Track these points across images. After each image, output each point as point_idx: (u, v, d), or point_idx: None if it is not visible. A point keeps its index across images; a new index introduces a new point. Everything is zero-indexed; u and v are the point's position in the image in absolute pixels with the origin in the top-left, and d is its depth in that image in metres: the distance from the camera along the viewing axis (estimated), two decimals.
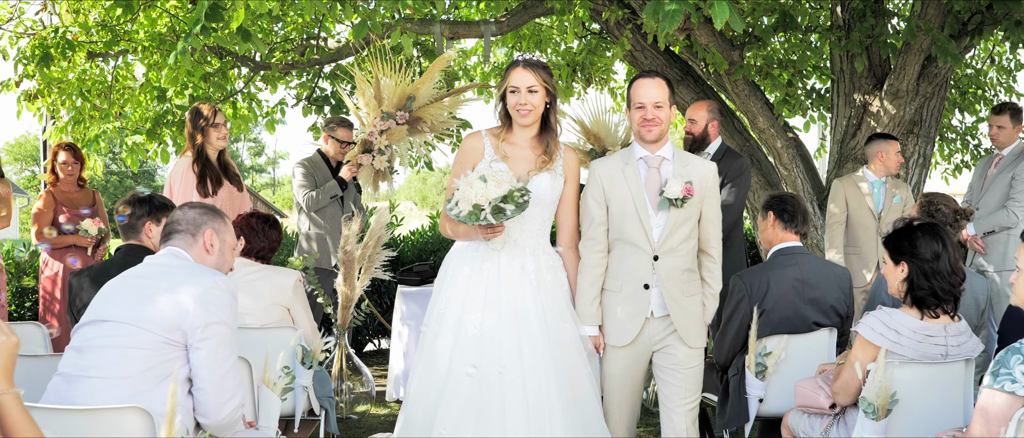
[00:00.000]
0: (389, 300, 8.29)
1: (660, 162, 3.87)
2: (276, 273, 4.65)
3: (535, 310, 3.79)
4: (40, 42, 7.45)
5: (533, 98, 3.86)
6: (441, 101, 7.71)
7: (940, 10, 6.63)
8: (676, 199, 3.74)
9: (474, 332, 3.76)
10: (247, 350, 3.87)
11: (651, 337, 3.87)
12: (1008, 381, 2.78)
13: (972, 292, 4.41)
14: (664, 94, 3.85)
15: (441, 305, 3.90)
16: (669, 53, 8.16)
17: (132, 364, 2.97)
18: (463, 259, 3.93)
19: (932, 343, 3.43)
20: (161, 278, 3.14)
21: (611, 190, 3.87)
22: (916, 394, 3.35)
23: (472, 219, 3.62)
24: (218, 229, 3.37)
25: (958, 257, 3.53)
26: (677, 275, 3.83)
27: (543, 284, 3.85)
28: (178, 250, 3.28)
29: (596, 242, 3.89)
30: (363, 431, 5.93)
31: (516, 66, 3.90)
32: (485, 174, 3.62)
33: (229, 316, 3.13)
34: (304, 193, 6.61)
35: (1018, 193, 5.97)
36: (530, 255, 3.88)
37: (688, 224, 3.83)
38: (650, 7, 4.68)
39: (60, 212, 6.48)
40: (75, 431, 2.82)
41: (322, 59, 8.47)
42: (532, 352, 3.72)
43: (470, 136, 4.01)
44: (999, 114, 6.33)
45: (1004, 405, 2.79)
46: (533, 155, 3.92)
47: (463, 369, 3.72)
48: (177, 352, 3.03)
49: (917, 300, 3.48)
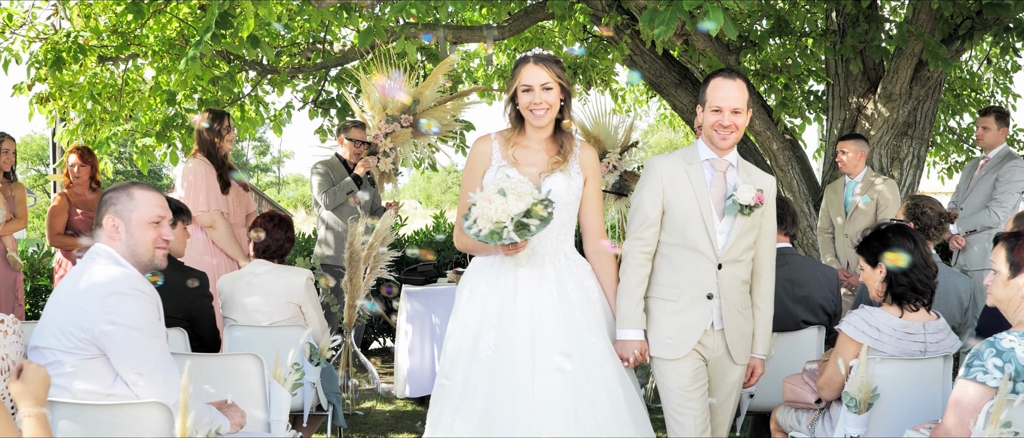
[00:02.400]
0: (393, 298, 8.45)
1: (726, 167, 3.61)
2: (288, 272, 4.81)
3: (556, 324, 3.49)
4: (52, 46, 7.62)
5: (548, 96, 3.54)
6: (444, 104, 7.89)
7: (931, 16, 6.78)
8: (746, 206, 3.50)
9: (488, 354, 3.49)
10: (259, 347, 4.06)
11: (710, 350, 3.61)
12: (980, 372, 2.94)
13: (956, 291, 4.57)
14: (744, 98, 3.55)
15: (459, 326, 3.63)
16: (668, 57, 8.32)
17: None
18: (480, 275, 3.64)
19: (912, 340, 3.60)
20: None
21: (673, 190, 3.57)
22: (896, 389, 3.51)
23: (494, 239, 3.32)
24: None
25: (928, 252, 3.71)
26: (738, 286, 3.60)
27: (565, 295, 3.56)
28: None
29: (645, 243, 3.60)
30: (368, 427, 6.11)
31: (526, 62, 3.57)
32: (504, 187, 3.32)
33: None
34: (321, 192, 6.78)
35: (1001, 194, 6.16)
36: (550, 263, 3.59)
37: (751, 234, 3.60)
38: (646, 15, 4.85)
39: (74, 213, 6.65)
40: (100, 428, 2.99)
41: (328, 63, 8.64)
42: (546, 375, 3.41)
43: (479, 140, 3.70)
44: (985, 116, 6.53)
45: (976, 396, 2.94)
46: (546, 157, 3.62)
47: (477, 396, 3.44)
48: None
49: (897, 297, 3.65)
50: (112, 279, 3.01)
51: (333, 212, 6.79)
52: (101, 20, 8.17)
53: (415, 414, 6.42)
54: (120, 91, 8.37)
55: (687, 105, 8.19)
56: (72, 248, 6.57)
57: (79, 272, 3.11)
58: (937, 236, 4.76)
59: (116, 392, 2.99)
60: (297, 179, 62.07)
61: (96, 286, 2.99)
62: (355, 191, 6.76)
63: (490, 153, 3.63)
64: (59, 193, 6.80)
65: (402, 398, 6.69)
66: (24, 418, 2.56)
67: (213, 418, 3.16)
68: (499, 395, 3.42)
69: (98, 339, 2.95)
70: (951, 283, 4.57)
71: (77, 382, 2.95)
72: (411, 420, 6.27)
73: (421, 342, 6.61)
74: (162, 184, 45.59)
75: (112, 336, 2.94)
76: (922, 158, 8.00)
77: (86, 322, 2.94)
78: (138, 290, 3.02)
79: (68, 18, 8.24)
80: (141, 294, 3.02)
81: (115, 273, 3.04)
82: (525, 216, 3.29)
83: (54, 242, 6.63)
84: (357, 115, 8.06)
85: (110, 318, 2.94)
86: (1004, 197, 6.16)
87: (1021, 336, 2.96)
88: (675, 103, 8.36)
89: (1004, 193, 6.16)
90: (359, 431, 6.00)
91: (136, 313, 2.98)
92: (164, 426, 2.94)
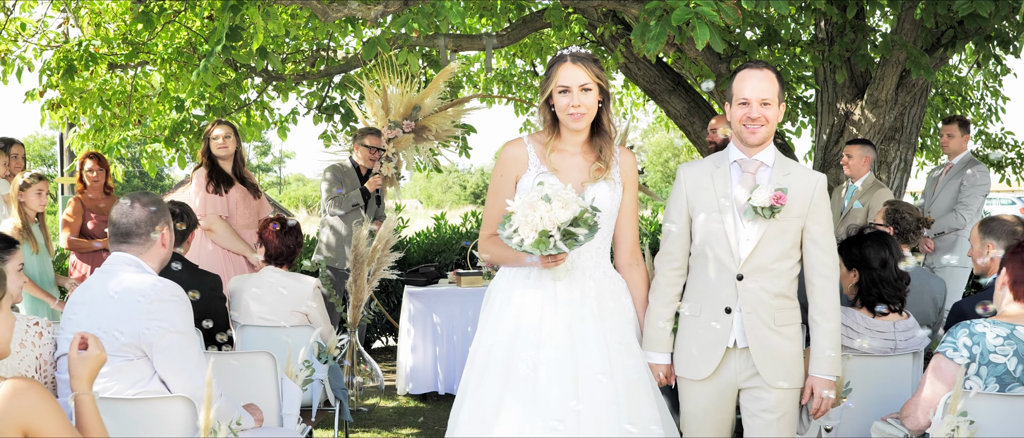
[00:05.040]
0: (397, 299, 8.70)
1: (757, 167, 3.35)
2: (296, 280, 5.04)
3: (597, 345, 3.25)
4: (65, 55, 7.87)
5: (587, 98, 3.30)
6: (445, 111, 8.15)
7: (915, 26, 7.02)
8: (762, 208, 3.24)
9: (526, 372, 3.21)
10: (272, 347, 4.32)
11: (735, 373, 3.35)
12: (950, 349, 3.22)
13: (930, 292, 4.82)
14: (774, 89, 3.30)
15: (487, 340, 3.35)
16: (661, 64, 8.56)
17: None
18: (513, 285, 3.38)
19: (882, 338, 3.84)
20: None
21: (696, 197, 3.38)
22: (867, 383, 3.76)
23: (541, 248, 3.04)
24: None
25: (903, 256, 3.94)
26: (767, 300, 3.28)
27: (606, 313, 3.33)
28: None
29: (673, 257, 3.40)
30: (373, 421, 6.36)
31: (564, 61, 3.32)
32: (548, 193, 3.07)
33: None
34: (328, 197, 7.02)
35: (966, 197, 6.46)
36: (591, 279, 3.34)
37: (783, 240, 3.29)
38: (637, 29, 5.08)
39: (88, 218, 6.90)
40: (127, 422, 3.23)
41: (332, 70, 8.89)
42: (590, 397, 3.18)
43: (511, 144, 3.44)
44: (949, 124, 6.87)
45: (949, 370, 3.20)
46: (586, 163, 3.38)
47: (513, 417, 3.18)
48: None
49: (867, 304, 3.89)
50: (153, 286, 3.26)
51: (341, 218, 7.02)
52: (110, 28, 8.42)
53: (417, 410, 6.68)
54: (129, 97, 8.61)
55: (681, 111, 8.43)
56: (87, 250, 6.81)
57: (105, 280, 3.32)
58: (915, 240, 5.01)
59: (146, 390, 3.24)
60: (298, 179, 62.37)
61: (137, 293, 3.23)
62: (361, 204, 6.98)
63: (525, 159, 3.38)
64: (74, 198, 7.04)
65: (404, 395, 6.95)
66: (81, 396, 2.77)
67: (240, 414, 3.42)
68: (542, 413, 3.18)
69: (143, 343, 3.21)
70: (926, 284, 4.82)
71: (111, 382, 3.19)
72: (413, 415, 6.52)
73: (423, 341, 6.87)
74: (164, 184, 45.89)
75: (159, 339, 3.20)
76: (909, 162, 8.25)
77: (131, 327, 3.19)
78: (177, 297, 3.29)
79: (78, 26, 8.48)
80: (181, 300, 3.30)
81: (151, 281, 3.30)
82: (572, 225, 3.05)
83: (70, 245, 6.87)
84: (360, 121, 8.33)
85: (157, 323, 3.20)
86: (970, 200, 6.45)
87: (995, 324, 3.22)
88: (669, 109, 8.60)
89: (970, 196, 6.46)
90: (363, 426, 6.25)
91: (177, 317, 3.26)
92: (189, 420, 3.19)
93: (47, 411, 2.52)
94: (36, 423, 2.50)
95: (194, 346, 3.33)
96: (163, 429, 3.19)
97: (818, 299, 3.34)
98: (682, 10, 4.79)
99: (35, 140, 51.30)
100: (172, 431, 3.18)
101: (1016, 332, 3.18)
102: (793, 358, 3.33)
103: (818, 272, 3.33)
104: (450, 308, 6.87)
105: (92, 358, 2.81)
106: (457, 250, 9.17)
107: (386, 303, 8.88)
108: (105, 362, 2.85)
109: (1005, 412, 3.08)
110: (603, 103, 3.36)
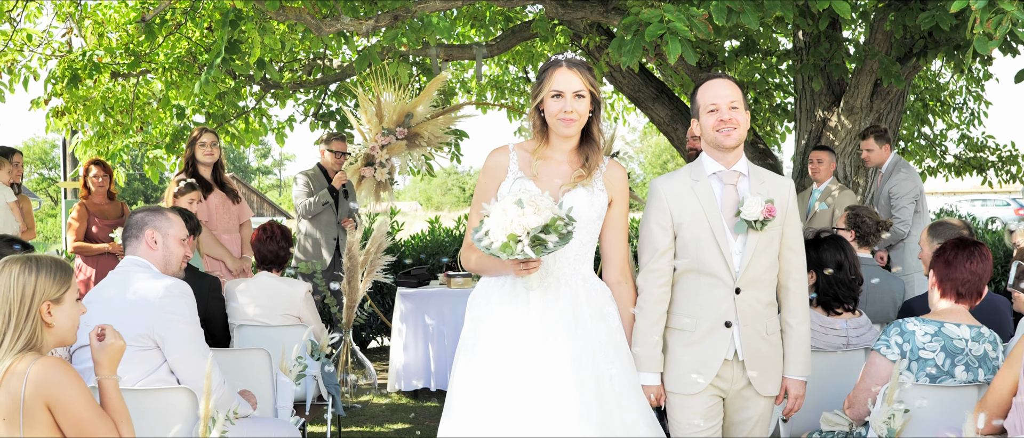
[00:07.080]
0: (390, 301, 8.99)
1: (737, 178, 3.36)
2: (288, 285, 5.29)
3: (571, 357, 3.17)
4: (69, 65, 8.16)
5: (579, 105, 3.27)
6: (437, 118, 8.42)
7: (887, 37, 7.30)
8: (755, 221, 3.25)
9: (501, 379, 3.19)
10: (267, 344, 4.61)
11: (730, 383, 3.35)
12: (884, 346, 3.52)
13: (891, 292, 5.11)
14: (738, 94, 3.34)
15: (464, 357, 3.33)
16: (645, 73, 8.85)
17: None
18: (490, 299, 3.33)
19: (835, 335, 4.12)
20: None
21: (681, 212, 3.33)
22: (819, 378, 4.02)
23: (506, 252, 3.01)
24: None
25: (857, 264, 4.20)
26: (760, 310, 3.33)
27: (581, 321, 3.25)
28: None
29: (660, 274, 3.34)
30: (365, 417, 6.65)
31: (558, 66, 3.29)
32: (521, 198, 3.05)
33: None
34: (301, 202, 7.34)
35: (897, 210, 6.70)
36: (566, 285, 3.28)
37: (770, 250, 3.33)
38: (615, 42, 5.38)
39: (92, 223, 7.18)
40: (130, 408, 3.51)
41: (327, 78, 9.17)
42: (560, 403, 3.11)
43: (495, 152, 3.42)
44: (865, 139, 7.05)
45: (883, 366, 3.50)
46: (569, 169, 3.35)
47: (493, 422, 3.14)
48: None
49: (823, 304, 4.17)
50: (165, 286, 3.67)
51: (309, 222, 7.33)
52: (113, 38, 8.70)
53: (408, 407, 6.96)
54: (131, 104, 8.89)
55: (664, 118, 8.71)
56: (91, 253, 7.09)
57: (121, 282, 3.71)
58: (875, 242, 5.29)
59: (154, 378, 3.55)
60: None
61: (152, 291, 3.64)
62: (330, 202, 7.28)
63: (506, 165, 3.36)
64: (78, 203, 7.31)
65: (396, 391, 7.23)
66: (105, 380, 3.07)
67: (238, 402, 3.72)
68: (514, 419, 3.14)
69: (156, 332, 3.58)
70: (887, 285, 5.10)
71: (123, 370, 3.49)
72: (404, 412, 6.80)
73: (414, 340, 7.15)
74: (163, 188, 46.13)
75: (170, 329, 3.60)
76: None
77: (146, 320, 3.57)
78: (186, 294, 3.71)
79: (82, 37, 8.77)
80: (189, 296, 3.71)
81: (163, 282, 3.69)
82: (543, 231, 3.00)
83: (76, 249, 7.15)
84: (355, 128, 8.61)
85: (170, 315, 3.61)
86: (901, 211, 6.69)
87: (924, 322, 3.51)
88: (653, 116, 8.88)
89: (899, 208, 6.69)
90: (357, 422, 6.53)
91: (186, 311, 3.67)
92: (190, 409, 3.48)
93: (71, 387, 2.83)
94: (61, 398, 2.81)
95: (199, 336, 3.70)
96: (167, 418, 3.48)
97: (792, 303, 3.39)
98: (656, 25, 5.09)
99: (36, 143, 51.60)
100: (176, 419, 3.47)
101: (944, 329, 3.47)
102: (777, 365, 3.40)
103: (792, 276, 3.39)
104: (441, 308, 7.15)
105: (110, 346, 3.10)
106: (449, 253, 9.43)
107: (380, 304, 9.15)
108: (124, 349, 3.14)
109: (935, 401, 3.37)
110: (594, 112, 3.34)
